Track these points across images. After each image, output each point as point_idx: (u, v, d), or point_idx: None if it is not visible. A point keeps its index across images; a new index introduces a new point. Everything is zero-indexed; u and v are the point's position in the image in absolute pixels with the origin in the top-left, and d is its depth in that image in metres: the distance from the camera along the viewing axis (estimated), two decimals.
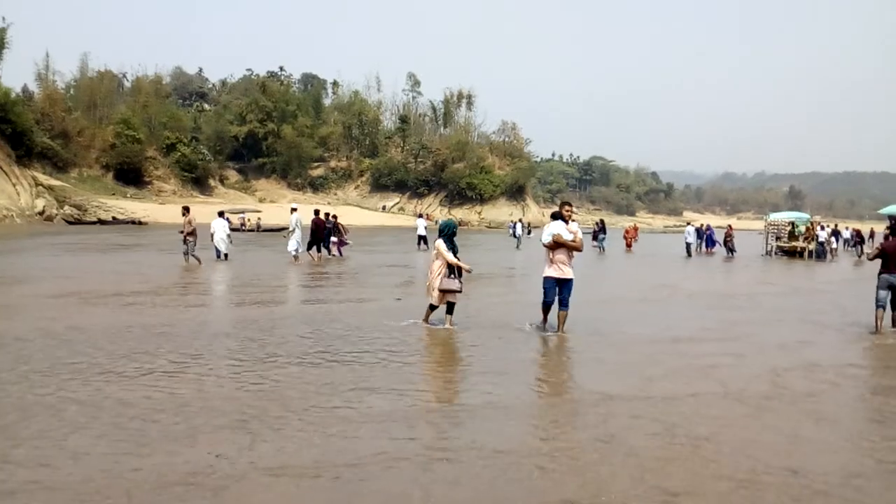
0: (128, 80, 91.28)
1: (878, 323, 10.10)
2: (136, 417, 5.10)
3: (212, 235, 19.48)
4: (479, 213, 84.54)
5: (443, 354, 8.05)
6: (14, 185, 49.95)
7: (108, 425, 4.92)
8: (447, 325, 9.01)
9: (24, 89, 75.14)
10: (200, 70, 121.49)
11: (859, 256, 31.32)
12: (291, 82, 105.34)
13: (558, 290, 8.84)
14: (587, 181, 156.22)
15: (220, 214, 20.18)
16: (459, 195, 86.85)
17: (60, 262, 18.85)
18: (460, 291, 8.95)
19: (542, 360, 7.88)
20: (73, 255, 21.45)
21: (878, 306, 10.10)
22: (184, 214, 18.21)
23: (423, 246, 28.67)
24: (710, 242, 33.64)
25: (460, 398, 6.08)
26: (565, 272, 8.78)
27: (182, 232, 17.99)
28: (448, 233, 9.25)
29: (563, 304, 8.88)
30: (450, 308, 9.10)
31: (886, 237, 10.43)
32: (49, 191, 53.35)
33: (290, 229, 20.35)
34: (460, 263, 8.95)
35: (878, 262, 10.20)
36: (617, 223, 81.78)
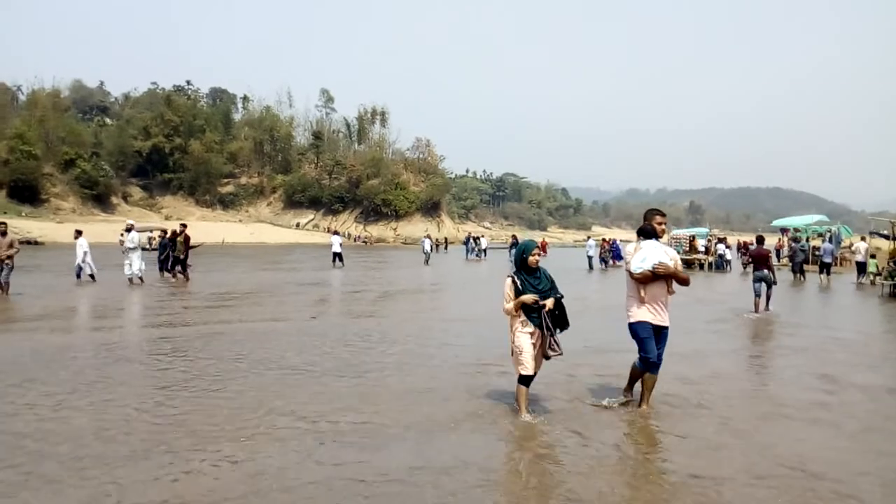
0: (23, 94, 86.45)
1: (756, 307, 13.92)
2: (31, 450, 4.79)
3: (84, 255, 18.67)
4: (395, 229, 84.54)
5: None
6: None
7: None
8: (526, 416, 5.79)
9: None
10: (102, 83, 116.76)
11: (744, 266, 33.21)
12: (199, 96, 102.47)
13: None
14: (500, 197, 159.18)
15: (79, 233, 19.21)
16: (375, 211, 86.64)
17: None
18: (560, 353, 5.77)
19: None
20: None
21: (756, 295, 14.05)
22: (3, 234, 15.54)
23: (338, 263, 28.41)
24: (618, 255, 35.02)
25: None
26: (663, 317, 6.00)
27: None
28: (519, 257, 5.89)
29: (656, 366, 6.06)
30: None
31: (757, 245, 14.92)
32: None
33: (131, 248, 18.41)
34: (522, 298, 5.66)
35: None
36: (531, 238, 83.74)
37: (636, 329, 5.98)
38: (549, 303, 5.66)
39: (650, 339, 5.93)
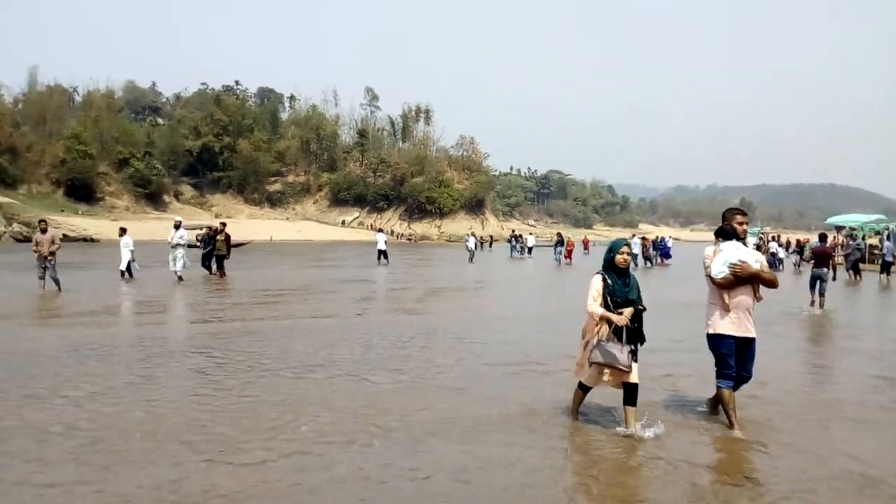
0: (78, 95, 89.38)
1: (812, 302, 13.95)
2: (89, 442, 4.93)
3: (132, 253, 18.90)
4: (439, 226, 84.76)
5: None
6: None
7: (60, 450, 4.74)
8: (627, 430, 5.23)
9: None
10: (154, 84, 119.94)
11: (797, 266, 32.15)
12: (247, 96, 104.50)
13: (736, 358, 5.45)
14: (545, 195, 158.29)
15: (124, 231, 19.39)
16: (419, 209, 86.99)
17: (5, 281, 18.16)
18: (628, 369, 5.13)
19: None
20: (19, 274, 20.71)
21: (811, 289, 14.06)
22: (43, 231, 15.38)
23: (382, 260, 28.58)
24: (666, 254, 34.40)
25: None
26: (748, 327, 5.45)
27: (39, 251, 15.05)
28: (607, 257, 5.50)
29: (737, 380, 5.50)
30: (629, 395, 5.24)
31: (820, 243, 14.80)
32: None
33: (179, 244, 18.53)
34: (611, 317, 5.17)
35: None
36: (574, 236, 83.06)
37: (716, 343, 5.46)
38: (627, 312, 5.16)
39: (731, 355, 5.40)
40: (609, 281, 5.29)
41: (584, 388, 5.56)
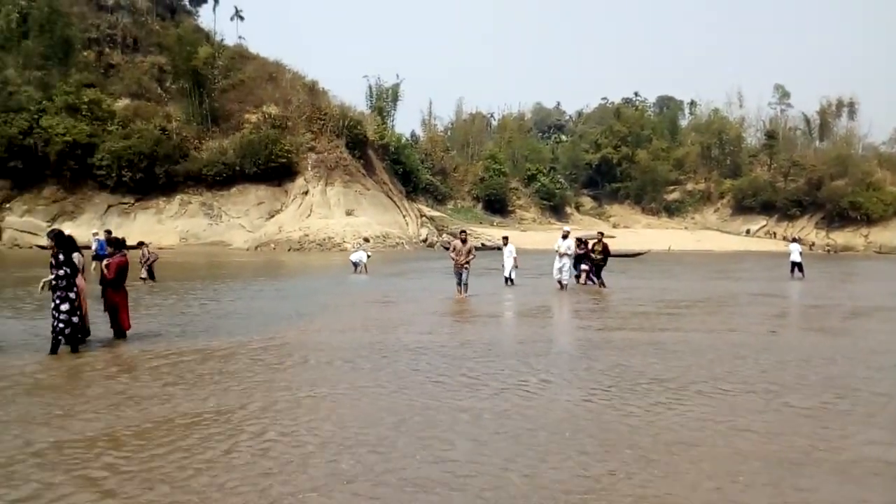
0: (494, 119, 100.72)
1: None
2: (529, 430, 5.29)
3: (514, 260, 19.28)
4: (866, 236, 73.10)
5: None
6: (404, 217, 58.61)
7: (494, 434, 5.24)
8: None
9: (412, 134, 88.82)
10: (558, 104, 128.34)
11: None
12: (646, 106, 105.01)
13: None
14: None
15: (506, 240, 19.91)
16: (840, 216, 76.17)
17: (424, 284, 20.97)
18: None
19: None
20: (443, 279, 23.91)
21: None
22: (463, 241, 16.77)
23: (797, 273, 25.58)
24: None
25: None
26: None
27: (457, 260, 16.24)
28: None
29: None
30: None
31: None
32: (430, 221, 61.33)
33: (567, 254, 18.35)
34: None
35: None
36: None
37: None
38: None
39: None
40: None
41: None
